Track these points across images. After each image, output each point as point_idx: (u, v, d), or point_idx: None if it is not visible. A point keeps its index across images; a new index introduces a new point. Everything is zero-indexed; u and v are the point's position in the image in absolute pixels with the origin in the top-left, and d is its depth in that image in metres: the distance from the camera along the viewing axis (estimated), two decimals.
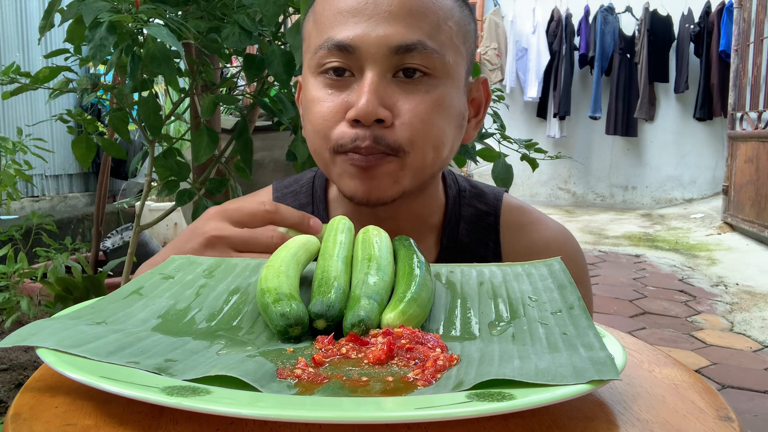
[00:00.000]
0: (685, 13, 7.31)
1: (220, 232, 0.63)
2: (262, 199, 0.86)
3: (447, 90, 0.71)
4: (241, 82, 1.88)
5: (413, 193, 0.75)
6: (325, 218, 0.83)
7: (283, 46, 1.41)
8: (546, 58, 7.71)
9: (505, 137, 1.70)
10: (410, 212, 0.79)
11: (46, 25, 1.34)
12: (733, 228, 5.66)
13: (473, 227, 0.83)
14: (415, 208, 0.80)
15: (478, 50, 7.68)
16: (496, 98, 1.72)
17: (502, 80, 7.82)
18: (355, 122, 0.68)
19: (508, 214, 0.85)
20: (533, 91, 7.77)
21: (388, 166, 0.70)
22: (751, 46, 5.59)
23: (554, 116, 7.80)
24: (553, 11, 7.74)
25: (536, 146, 1.71)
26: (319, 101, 0.71)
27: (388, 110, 0.68)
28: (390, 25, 0.67)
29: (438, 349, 0.45)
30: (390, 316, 0.49)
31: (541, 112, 7.97)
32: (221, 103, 1.53)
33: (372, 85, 0.67)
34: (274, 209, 0.64)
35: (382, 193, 0.71)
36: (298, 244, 0.60)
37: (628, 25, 7.59)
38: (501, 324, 0.52)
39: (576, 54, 7.75)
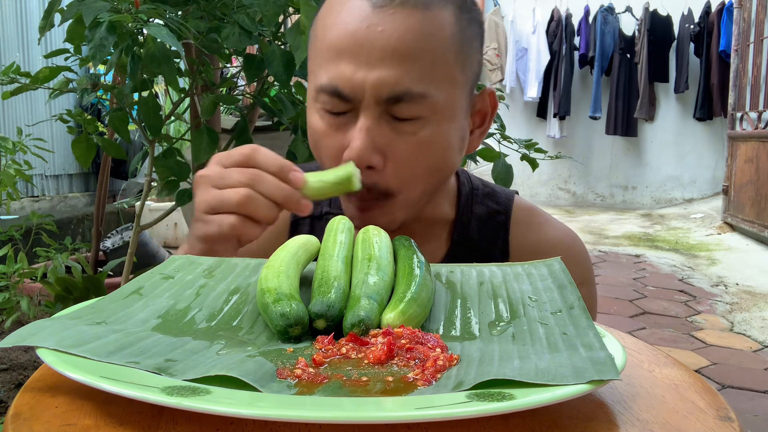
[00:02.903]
0: (685, 13, 7.31)
1: (206, 172, 0.64)
2: None
3: (440, 128, 0.71)
4: (241, 82, 1.88)
5: (422, 205, 0.78)
6: (339, 206, 0.84)
7: (283, 46, 1.41)
8: (546, 58, 7.71)
9: (505, 137, 1.70)
10: (420, 216, 0.81)
11: (46, 25, 1.34)
12: (733, 228, 5.66)
13: (484, 225, 0.84)
14: (425, 211, 0.81)
15: None
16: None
17: (502, 80, 7.82)
18: None
19: (518, 213, 0.86)
20: (533, 91, 7.77)
21: (381, 209, 0.74)
22: (751, 46, 5.59)
23: (554, 116, 7.80)
24: (553, 11, 7.74)
25: (536, 146, 1.71)
26: (321, 136, 0.73)
27: (380, 154, 0.70)
28: (381, 71, 0.67)
29: (438, 349, 0.45)
30: (390, 316, 0.49)
31: (541, 112, 7.97)
32: (221, 103, 1.53)
33: (364, 131, 0.69)
34: (251, 152, 0.63)
35: (385, 227, 0.72)
36: (298, 244, 0.60)
37: (628, 25, 7.59)
38: (501, 324, 0.52)
39: (576, 54, 7.75)
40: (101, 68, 1.65)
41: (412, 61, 0.68)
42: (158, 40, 1.20)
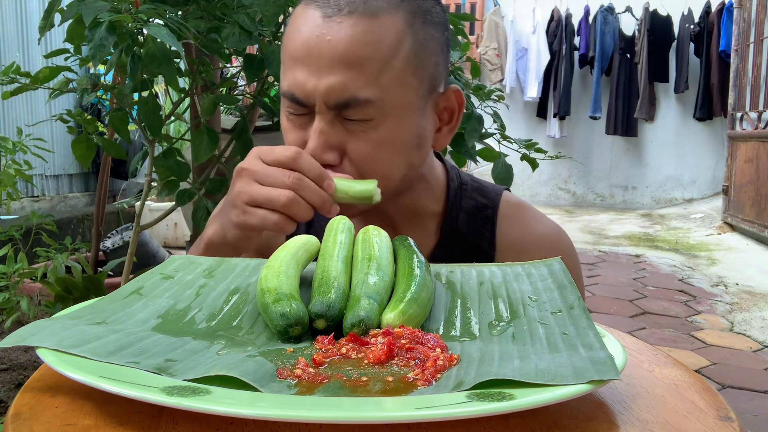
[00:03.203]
0: (685, 13, 7.30)
1: (249, 165, 0.68)
2: None
3: (391, 126, 0.75)
4: (241, 82, 1.88)
5: (390, 198, 0.80)
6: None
7: None
8: (546, 58, 7.71)
9: (505, 137, 1.70)
10: (401, 207, 0.84)
11: (46, 25, 1.34)
12: (733, 228, 5.66)
13: (472, 218, 0.87)
14: (402, 202, 0.84)
15: (478, 50, 7.69)
16: (496, 98, 1.72)
17: (502, 80, 7.82)
18: None
19: (506, 208, 0.89)
20: (533, 91, 7.76)
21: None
22: (751, 46, 5.59)
23: (554, 116, 7.79)
24: (553, 11, 7.74)
25: (536, 146, 1.71)
26: (286, 132, 0.79)
27: (336, 151, 0.75)
28: (329, 78, 0.72)
29: (438, 349, 0.45)
30: (390, 316, 0.49)
31: (541, 112, 7.97)
32: (221, 103, 1.53)
33: (317, 132, 0.74)
34: (296, 156, 0.68)
35: (349, 215, 0.75)
36: (298, 244, 0.60)
37: (628, 25, 7.59)
38: (501, 324, 0.52)
39: (576, 54, 7.74)
40: (101, 68, 1.65)
41: (359, 68, 0.72)
42: (158, 40, 1.20)
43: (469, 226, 0.87)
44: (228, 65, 2.08)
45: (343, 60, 0.71)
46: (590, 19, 7.58)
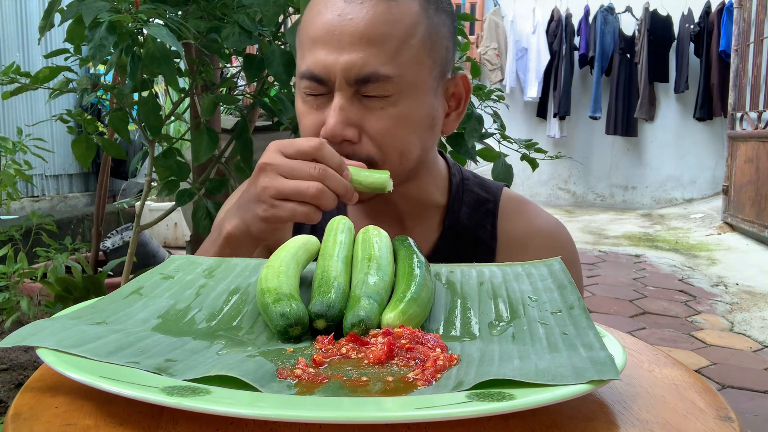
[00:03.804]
0: (685, 13, 7.30)
1: (271, 159, 0.70)
2: None
3: (408, 104, 0.78)
4: (241, 82, 1.88)
5: (401, 183, 0.82)
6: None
7: (283, 46, 1.41)
8: (546, 58, 7.71)
9: (505, 137, 1.70)
10: (405, 196, 0.86)
11: (46, 25, 1.34)
12: (733, 228, 5.66)
13: (474, 211, 0.89)
14: (409, 192, 0.86)
15: (478, 50, 7.69)
16: (496, 98, 1.72)
17: (502, 80, 7.82)
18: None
19: (507, 202, 0.91)
20: (533, 91, 7.76)
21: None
22: (751, 46, 5.59)
23: (554, 116, 7.79)
24: (553, 11, 7.73)
25: (536, 146, 1.71)
26: (302, 114, 0.81)
27: (355, 128, 0.77)
28: (350, 54, 0.75)
29: (438, 349, 0.45)
30: (390, 316, 0.49)
31: (541, 112, 7.96)
32: (221, 103, 1.53)
33: (337, 108, 0.76)
34: (319, 147, 0.70)
35: (362, 198, 0.78)
36: (298, 244, 0.60)
37: (628, 25, 7.59)
38: (501, 324, 0.52)
39: (576, 54, 7.74)
40: (101, 68, 1.65)
41: (379, 45, 0.75)
42: (158, 40, 1.20)
43: (471, 219, 0.89)
44: (228, 65, 2.08)
45: (364, 37, 0.74)
46: (590, 19, 7.58)
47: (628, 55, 7.48)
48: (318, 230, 0.88)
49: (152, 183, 1.52)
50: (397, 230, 0.85)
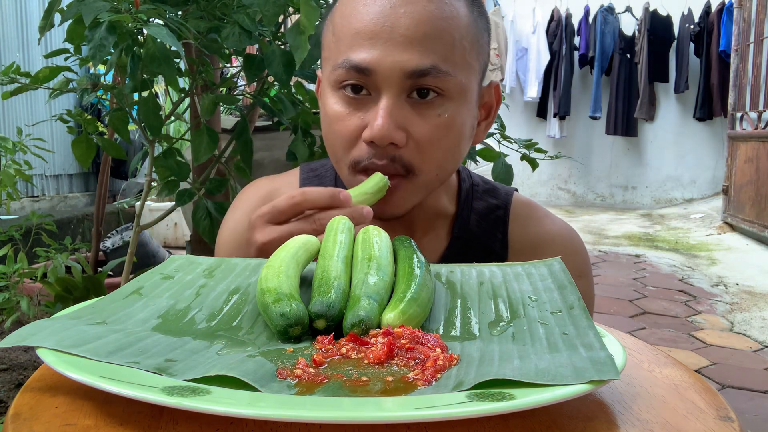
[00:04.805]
0: (685, 13, 7.30)
1: (267, 237, 0.67)
2: (290, 179, 0.92)
3: (458, 110, 0.74)
4: (241, 82, 1.88)
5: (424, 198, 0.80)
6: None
7: (283, 46, 1.41)
8: (546, 58, 7.71)
9: (505, 137, 1.70)
10: (422, 208, 0.83)
11: (46, 25, 1.34)
12: (733, 228, 5.66)
13: (483, 219, 0.87)
14: (426, 203, 0.83)
15: None
16: None
17: (502, 80, 7.81)
18: (371, 143, 0.72)
19: (517, 208, 0.89)
20: (533, 91, 7.76)
21: (401, 188, 0.75)
22: (751, 46, 5.59)
23: (554, 116, 7.79)
24: (553, 11, 7.73)
25: (536, 146, 1.71)
26: (338, 119, 0.75)
27: (402, 131, 0.72)
28: (405, 50, 0.70)
29: (438, 349, 0.45)
30: (390, 316, 0.49)
31: (541, 112, 7.96)
32: (221, 103, 1.52)
33: (387, 109, 0.71)
34: (302, 198, 0.67)
35: (394, 210, 0.76)
36: (298, 244, 0.60)
37: (628, 25, 7.59)
38: (501, 324, 0.52)
39: (576, 54, 7.74)
40: (101, 68, 1.65)
41: (436, 41, 0.71)
42: (158, 40, 1.20)
43: (480, 227, 0.86)
44: (228, 65, 2.08)
45: (420, 31, 0.70)
46: (590, 19, 7.58)
47: (628, 55, 7.49)
48: None
49: (152, 183, 1.52)
50: None
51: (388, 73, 0.71)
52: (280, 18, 1.42)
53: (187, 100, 1.66)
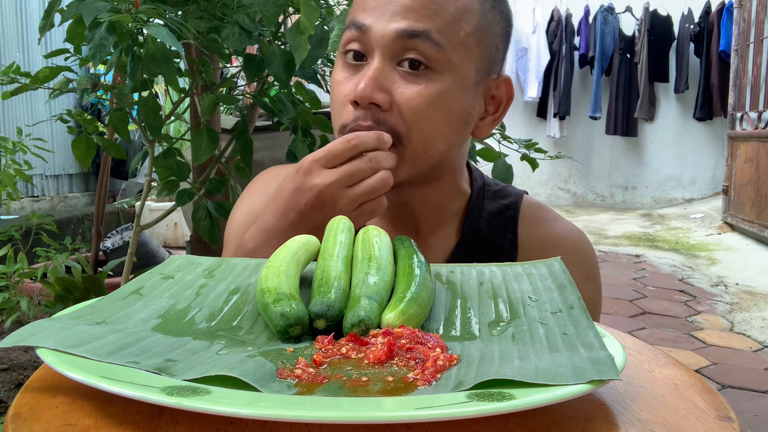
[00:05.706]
0: (685, 13, 7.30)
1: (327, 179, 0.70)
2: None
3: (448, 87, 0.75)
4: (241, 82, 1.88)
5: (419, 182, 0.80)
6: None
7: (283, 46, 1.41)
8: (546, 58, 7.71)
9: (505, 137, 1.69)
10: (425, 199, 0.84)
11: (46, 25, 1.34)
12: (733, 228, 5.66)
13: (493, 219, 0.87)
14: (429, 195, 0.84)
15: None
16: None
17: None
18: (356, 104, 0.74)
19: (527, 210, 0.89)
20: (533, 91, 7.77)
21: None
22: (751, 46, 5.59)
23: (554, 116, 7.80)
24: (553, 11, 7.74)
25: (536, 146, 1.71)
26: (337, 83, 0.78)
27: (386, 93, 0.74)
28: (403, 16, 0.73)
29: (438, 349, 0.45)
30: (390, 316, 0.49)
31: (541, 112, 7.97)
32: (221, 103, 1.53)
33: (374, 71, 0.73)
34: (358, 141, 0.70)
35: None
36: (298, 244, 0.60)
37: (628, 25, 7.59)
38: (501, 324, 0.52)
39: (576, 54, 7.75)
40: (101, 68, 1.65)
41: (434, 13, 0.73)
42: (158, 40, 1.20)
43: (490, 227, 0.86)
44: (228, 65, 2.08)
45: (419, 2, 0.73)
46: (590, 19, 7.58)
47: (628, 55, 7.49)
48: None
49: (152, 183, 1.52)
50: (414, 236, 0.82)
51: (381, 32, 0.73)
52: (280, 18, 1.42)
53: (187, 100, 1.66)
